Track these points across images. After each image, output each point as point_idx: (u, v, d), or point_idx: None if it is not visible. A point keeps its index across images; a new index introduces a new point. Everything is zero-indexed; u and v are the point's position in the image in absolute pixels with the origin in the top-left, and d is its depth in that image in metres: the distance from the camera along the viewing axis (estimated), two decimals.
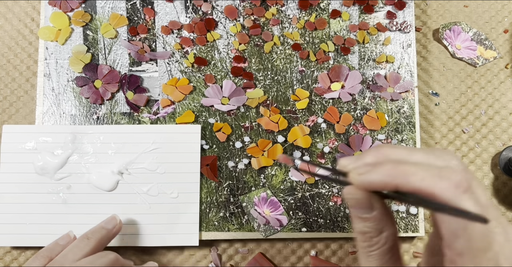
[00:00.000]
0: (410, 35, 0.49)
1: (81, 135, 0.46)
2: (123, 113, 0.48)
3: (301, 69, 0.49)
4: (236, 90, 0.48)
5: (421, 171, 0.25)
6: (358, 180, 0.27)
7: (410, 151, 0.27)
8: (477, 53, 0.51)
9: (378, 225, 0.27)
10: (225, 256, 0.47)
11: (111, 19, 0.49)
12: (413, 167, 0.25)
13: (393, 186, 0.25)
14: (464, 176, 0.24)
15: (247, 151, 0.47)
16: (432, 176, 0.24)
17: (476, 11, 0.52)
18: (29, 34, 0.51)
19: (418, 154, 0.27)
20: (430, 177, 0.24)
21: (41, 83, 0.48)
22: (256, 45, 0.49)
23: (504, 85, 0.51)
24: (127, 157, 0.46)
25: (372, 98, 0.48)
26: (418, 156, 0.27)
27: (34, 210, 0.45)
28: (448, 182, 0.24)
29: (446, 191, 0.23)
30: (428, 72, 0.51)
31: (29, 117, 0.49)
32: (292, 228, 0.46)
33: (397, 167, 0.25)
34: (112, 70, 0.48)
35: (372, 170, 0.26)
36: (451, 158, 0.26)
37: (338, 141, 0.48)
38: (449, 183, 0.24)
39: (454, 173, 0.24)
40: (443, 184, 0.24)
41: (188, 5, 0.49)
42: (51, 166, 0.45)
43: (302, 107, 0.48)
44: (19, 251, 0.47)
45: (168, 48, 0.49)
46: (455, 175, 0.24)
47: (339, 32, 0.49)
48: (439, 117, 0.50)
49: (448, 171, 0.24)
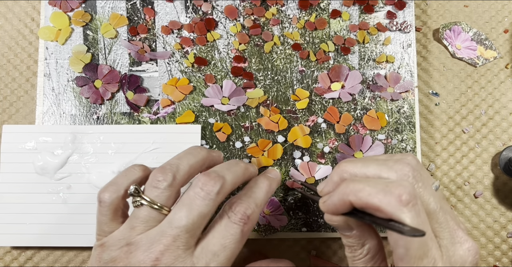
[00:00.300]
0: (410, 35, 0.49)
1: (81, 135, 0.46)
2: (123, 113, 0.48)
3: (301, 69, 0.49)
4: (236, 90, 0.48)
5: (368, 187, 0.27)
6: (324, 208, 0.30)
7: (365, 164, 0.29)
8: (477, 53, 0.51)
9: (359, 240, 0.30)
10: None
11: (111, 19, 0.49)
12: (362, 183, 0.27)
13: (348, 203, 0.28)
14: (407, 189, 0.26)
15: (247, 151, 0.47)
16: (377, 192, 0.26)
17: (476, 11, 0.52)
18: (29, 34, 0.51)
19: (372, 166, 0.29)
20: (376, 192, 0.26)
21: (41, 83, 0.48)
22: (256, 45, 0.49)
23: (504, 85, 0.51)
24: (127, 157, 0.46)
25: (372, 98, 0.48)
26: (371, 168, 0.29)
27: (34, 210, 0.45)
28: (391, 197, 0.25)
29: (389, 205, 0.25)
30: (428, 72, 0.51)
31: (29, 117, 0.49)
32: (292, 228, 0.46)
33: (348, 185, 0.28)
34: (112, 70, 0.48)
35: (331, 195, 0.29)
36: (402, 167, 0.28)
37: (338, 141, 0.48)
38: (392, 197, 0.25)
39: (398, 187, 0.26)
40: (386, 199, 0.25)
41: (188, 5, 0.49)
42: (51, 166, 0.45)
43: (302, 107, 0.48)
44: (19, 251, 0.47)
45: (168, 48, 0.49)
46: (398, 189, 0.26)
47: (339, 32, 0.49)
48: (439, 117, 0.50)
49: (393, 185, 0.26)
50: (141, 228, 0.31)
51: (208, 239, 0.31)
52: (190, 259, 0.30)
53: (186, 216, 0.30)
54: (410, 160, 0.29)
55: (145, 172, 0.34)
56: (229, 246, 0.31)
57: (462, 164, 0.50)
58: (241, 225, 0.32)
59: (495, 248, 0.48)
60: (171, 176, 0.31)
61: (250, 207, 0.32)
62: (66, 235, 0.45)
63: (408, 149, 0.48)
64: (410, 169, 0.28)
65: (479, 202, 0.49)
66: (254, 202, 0.33)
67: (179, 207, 0.31)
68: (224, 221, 0.32)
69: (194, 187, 0.31)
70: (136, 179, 0.33)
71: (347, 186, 0.28)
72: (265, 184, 0.36)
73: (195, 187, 0.31)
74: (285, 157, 0.47)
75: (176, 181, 0.32)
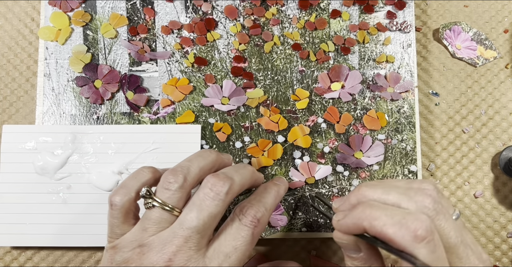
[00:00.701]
0: (410, 35, 0.49)
1: (81, 135, 0.46)
2: (123, 113, 0.48)
3: (301, 69, 0.49)
4: (236, 90, 0.48)
5: (384, 216, 0.26)
6: (337, 226, 0.30)
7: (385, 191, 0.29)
8: (477, 53, 0.51)
9: (365, 264, 0.30)
10: None
11: (111, 19, 0.49)
12: (379, 211, 0.27)
13: (362, 228, 0.27)
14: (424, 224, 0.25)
15: (247, 151, 0.47)
16: (393, 223, 0.26)
17: (476, 11, 0.52)
18: (29, 34, 0.51)
19: (392, 194, 0.28)
20: (391, 223, 0.26)
21: (41, 83, 0.48)
22: (256, 45, 0.49)
23: (504, 85, 0.51)
24: (127, 157, 0.46)
25: (372, 98, 0.48)
26: (392, 196, 0.28)
27: (34, 210, 0.45)
28: (406, 231, 0.25)
29: (403, 239, 0.25)
30: (428, 72, 0.51)
31: (29, 117, 0.49)
32: (292, 228, 0.46)
33: (365, 210, 0.27)
34: (112, 70, 0.48)
35: (347, 215, 0.29)
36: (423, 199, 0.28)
37: (338, 141, 0.48)
38: (407, 231, 0.25)
39: (415, 221, 0.25)
40: (401, 232, 0.25)
41: (188, 5, 0.49)
42: (51, 166, 0.45)
43: (302, 107, 0.48)
44: (19, 251, 0.47)
45: (168, 48, 0.49)
46: (415, 224, 0.25)
47: (339, 32, 0.49)
48: (439, 117, 0.50)
49: (410, 218, 0.25)
50: (153, 229, 0.31)
51: (220, 240, 0.32)
52: (202, 259, 0.31)
53: (197, 217, 0.30)
54: (432, 191, 0.28)
55: (155, 174, 0.35)
56: (240, 248, 0.32)
57: (462, 164, 0.50)
58: (252, 227, 0.32)
59: (495, 248, 0.48)
60: (182, 177, 0.32)
61: (260, 210, 0.33)
62: (66, 235, 0.45)
63: (408, 149, 0.48)
64: (431, 201, 0.27)
65: (479, 202, 0.49)
66: (264, 206, 0.34)
67: (189, 208, 0.31)
68: (236, 223, 0.33)
69: (204, 188, 0.32)
70: (146, 181, 0.34)
71: (363, 211, 0.27)
72: (273, 189, 0.37)
73: (205, 188, 0.32)
74: (285, 157, 0.47)
75: (187, 183, 0.32)
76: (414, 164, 0.47)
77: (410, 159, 0.48)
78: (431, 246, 0.25)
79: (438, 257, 0.25)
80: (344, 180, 0.47)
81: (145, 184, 0.34)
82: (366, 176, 0.47)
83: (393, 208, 0.27)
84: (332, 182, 0.47)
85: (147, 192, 0.32)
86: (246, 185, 0.35)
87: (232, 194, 0.32)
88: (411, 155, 0.48)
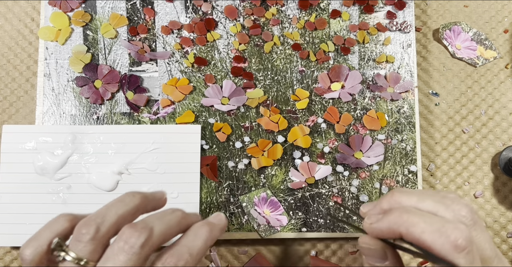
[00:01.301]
0: (410, 35, 0.49)
1: (81, 135, 0.46)
2: (123, 113, 0.48)
3: (301, 69, 0.49)
4: (236, 90, 0.48)
5: (423, 223, 0.25)
6: (369, 229, 0.28)
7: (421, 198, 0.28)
8: (477, 53, 0.51)
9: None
10: (225, 256, 0.47)
11: (111, 19, 0.49)
12: (417, 217, 0.26)
13: (398, 234, 0.27)
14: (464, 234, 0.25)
15: (247, 151, 0.47)
16: (432, 231, 0.25)
17: (476, 11, 0.52)
18: (29, 34, 0.51)
19: (428, 202, 0.28)
20: (430, 231, 0.25)
21: (41, 83, 0.48)
22: (256, 45, 0.49)
23: (504, 85, 0.51)
24: (127, 157, 0.46)
25: (372, 98, 0.48)
26: (427, 204, 0.28)
27: (34, 210, 0.45)
28: (446, 239, 0.24)
29: (442, 247, 0.24)
30: (428, 72, 0.51)
31: (29, 117, 0.49)
32: (292, 228, 0.46)
33: (402, 216, 0.27)
34: (112, 70, 0.48)
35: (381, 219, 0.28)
36: (461, 208, 0.27)
37: (338, 141, 0.48)
38: (447, 240, 0.24)
39: (455, 230, 0.25)
40: (441, 240, 0.25)
41: (188, 5, 0.49)
42: (51, 166, 0.45)
43: (302, 107, 0.48)
44: (19, 251, 0.47)
45: (168, 48, 0.49)
46: (455, 233, 0.25)
47: (339, 32, 0.49)
48: (439, 117, 0.50)
49: (450, 227, 0.25)
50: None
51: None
52: None
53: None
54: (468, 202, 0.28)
55: (72, 222, 0.32)
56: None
57: (462, 164, 0.50)
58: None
59: None
60: (94, 228, 0.30)
61: (183, 257, 0.29)
62: None
63: (408, 149, 0.48)
64: (468, 211, 0.27)
65: (479, 202, 0.49)
66: (189, 252, 0.30)
67: (103, 262, 0.29)
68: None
69: (118, 241, 0.29)
70: (62, 231, 0.31)
71: (400, 216, 0.27)
72: (204, 230, 0.32)
73: (119, 241, 0.29)
74: (285, 157, 0.47)
75: (99, 234, 0.30)
76: (414, 164, 0.47)
77: (410, 159, 0.48)
78: (470, 257, 0.24)
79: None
80: (344, 180, 0.47)
81: (59, 235, 0.30)
82: (366, 176, 0.47)
83: (430, 215, 0.27)
84: (332, 182, 0.47)
85: (58, 244, 0.29)
86: (171, 234, 0.31)
87: (151, 247, 0.29)
88: (411, 155, 0.48)
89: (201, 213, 0.46)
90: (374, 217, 0.28)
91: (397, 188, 0.31)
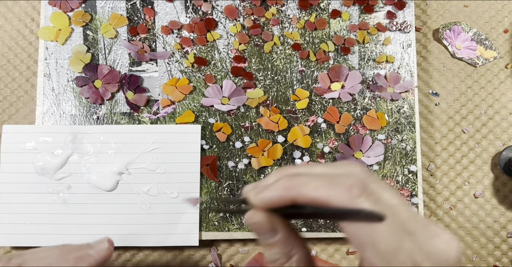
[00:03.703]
0: (410, 35, 0.49)
1: (81, 135, 0.46)
2: (123, 113, 0.48)
3: (301, 69, 0.49)
4: (236, 90, 0.48)
5: (314, 181, 0.24)
6: (255, 200, 0.26)
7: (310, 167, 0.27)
8: (477, 53, 0.51)
9: (285, 249, 0.26)
10: (225, 256, 0.47)
11: (111, 19, 0.49)
12: (308, 178, 0.25)
13: (290, 199, 0.25)
14: (357, 179, 0.23)
15: (247, 151, 0.47)
16: (325, 185, 0.24)
17: (476, 11, 0.52)
18: (29, 34, 0.51)
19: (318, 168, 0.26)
20: (323, 185, 0.24)
21: (41, 83, 0.48)
22: (256, 45, 0.49)
23: (504, 85, 0.51)
24: (127, 157, 0.46)
25: (372, 98, 0.48)
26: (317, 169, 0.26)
27: (34, 210, 0.45)
28: (340, 188, 0.23)
29: (339, 196, 0.23)
30: (428, 72, 0.51)
31: (29, 117, 0.49)
32: None
33: (292, 179, 0.25)
34: (112, 70, 0.48)
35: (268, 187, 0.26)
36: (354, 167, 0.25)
37: (338, 141, 0.48)
38: (342, 188, 0.23)
39: (347, 178, 0.24)
40: (335, 190, 0.23)
41: (188, 5, 0.49)
42: (51, 166, 0.45)
43: (302, 107, 0.48)
44: (19, 251, 0.47)
45: (168, 48, 0.49)
46: (347, 180, 0.23)
47: (339, 32, 0.49)
48: (439, 117, 0.50)
49: (341, 177, 0.24)
50: None
51: None
52: None
53: None
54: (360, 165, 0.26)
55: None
56: None
57: (462, 164, 0.50)
58: None
59: (495, 248, 0.48)
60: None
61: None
62: (66, 235, 0.45)
63: (408, 149, 0.48)
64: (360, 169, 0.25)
65: (479, 202, 0.49)
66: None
67: None
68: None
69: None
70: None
71: (289, 180, 0.25)
72: None
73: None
74: (285, 157, 0.47)
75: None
76: (414, 164, 0.47)
77: (410, 159, 0.48)
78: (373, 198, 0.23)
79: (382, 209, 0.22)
80: None
81: None
82: None
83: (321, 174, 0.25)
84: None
85: None
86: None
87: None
88: (411, 155, 0.48)
89: (201, 213, 0.46)
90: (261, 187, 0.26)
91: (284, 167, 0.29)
